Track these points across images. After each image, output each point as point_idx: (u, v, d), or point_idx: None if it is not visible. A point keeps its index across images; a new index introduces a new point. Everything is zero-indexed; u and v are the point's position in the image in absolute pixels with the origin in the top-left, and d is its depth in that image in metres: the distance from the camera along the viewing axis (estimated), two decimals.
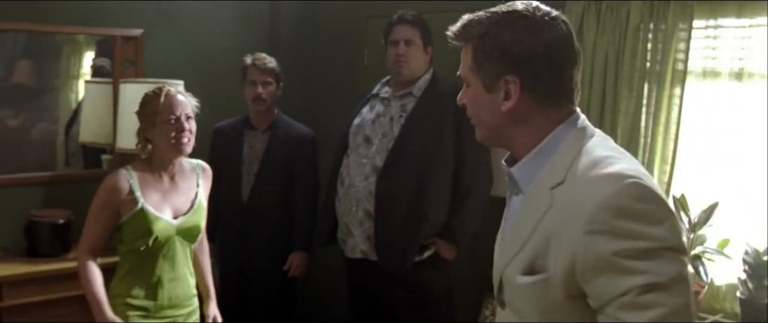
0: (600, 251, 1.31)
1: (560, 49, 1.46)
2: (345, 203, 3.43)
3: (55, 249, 3.65)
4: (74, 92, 4.19)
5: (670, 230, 1.32)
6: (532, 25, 1.45)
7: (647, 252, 1.29)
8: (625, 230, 1.30)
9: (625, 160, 1.43)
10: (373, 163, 3.35)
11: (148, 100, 2.79)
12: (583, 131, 1.49)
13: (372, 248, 3.36)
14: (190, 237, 2.86)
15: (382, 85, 3.53)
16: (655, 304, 1.27)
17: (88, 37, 4.14)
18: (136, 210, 2.70)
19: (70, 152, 4.22)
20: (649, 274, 1.28)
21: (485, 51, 1.49)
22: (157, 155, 2.79)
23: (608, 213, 1.31)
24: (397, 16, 3.44)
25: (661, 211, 1.33)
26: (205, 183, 2.97)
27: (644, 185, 1.34)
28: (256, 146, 3.88)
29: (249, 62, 3.83)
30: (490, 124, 1.55)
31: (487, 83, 1.50)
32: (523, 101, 1.48)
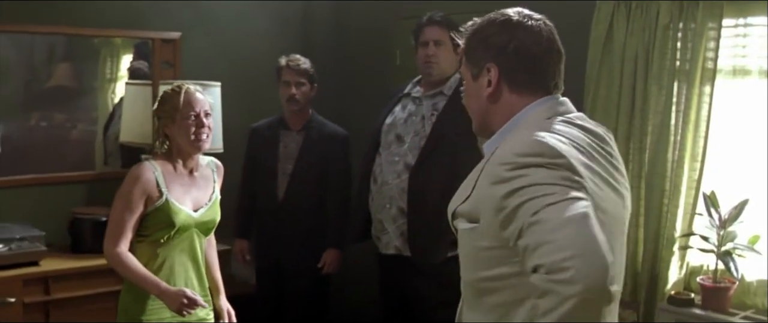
0: (494, 196, 1.49)
1: (534, 44, 1.64)
2: (378, 201, 3.49)
3: (98, 245, 3.66)
4: (111, 94, 4.28)
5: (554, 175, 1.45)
6: (511, 23, 1.66)
7: (533, 186, 1.44)
8: (510, 177, 1.48)
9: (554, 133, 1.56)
10: (406, 161, 3.42)
11: (167, 97, 2.85)
12: (550, 110, 1.65)
13: (405, 244, 3.41)
14: (206, 230, 2.93)
15: (414, 84, 3.59)
16: (544, 220, 1.40)
17: (124, 40, 4.23)
18: (161, 202, 2.76)
19: (108, 152, 4.31)
20: (537, 199, 1.42)
21: (472, 45, 1.71)
22: (175, 150, 2.85)
23: (501, 167, 1.51)
24: (426, 18, 3.49)
25: (548, 164, 1.47)
26: (219, 180, 3.03)
27: (540, 142, 1.50)
28: (291, 145, 3.95)
29: (283, 63, 3.90)
30: (477, 111, 1.74)
31: (473, 73, 1.71)
32: (500, 86, 1.67)
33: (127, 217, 2.74)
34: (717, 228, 3.21)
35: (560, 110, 1.66)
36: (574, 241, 1.35)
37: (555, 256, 1.35)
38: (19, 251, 3.46)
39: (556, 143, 1.51)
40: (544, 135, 1.53)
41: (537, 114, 1.64)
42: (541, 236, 1.39)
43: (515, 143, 1.54)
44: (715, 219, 3.22)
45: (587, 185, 1.48)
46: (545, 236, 1.38)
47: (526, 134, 1.55)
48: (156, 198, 2.76)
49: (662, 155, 3.35)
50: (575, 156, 1.51)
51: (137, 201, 2.74)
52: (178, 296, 2.67)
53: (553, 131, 1.57)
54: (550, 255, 1.36)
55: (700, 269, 3.41)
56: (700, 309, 3.24)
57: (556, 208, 1.40)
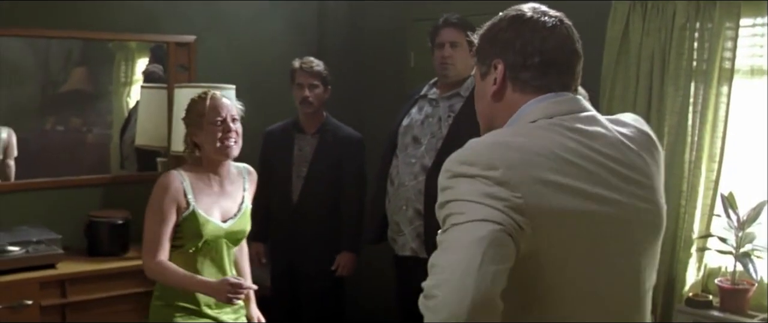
0: (437, 204, 1.44)
1: (542, 41, 1.55)
2: (395, 202, 3.49)
3: (114, 248, 3.76)
4: (127, 98, 4.29)
5: (480, 189, 1.36)
6: (521, 20, 1.58)
7: (454, 201, 1.38)
8: (444, 186, 1.43)
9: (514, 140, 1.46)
10: (422, 162, 3.41)
11: (193, 104, 2.84)
12: (543, 110, 1.54)
13: (422, 245, 3.41)
14: (235, 240, 2.90)
15: (430, 86, 3.59)
16: (442, 241, 1.36)
17: (139, 43, 4.24)
18: (189, 212, 2.75)
19: (124, 156, 4.33)
20: (452, 216, 1.36)
21: (482, 43, 1.64)
22: (205, 158, 2.83)
23: (442, 173, 1.45)
24: (442, 20, 3.49)
25: (479, 175, 1.38)
26: (251, 188, 3.00)
27: (474, 151, 1.43)
28: (306, 148, 3.95)
29: (297, 66, 3.90)
30: (483, 112, 1.67)
31: (482, 71, 1.63)
32: (505, 84, 1.58)
33: (161, 229, 2.73)
34: (735, 229, 3.19)
35: (557, 110, 1.54)
36: (452, 268, 1.29)
37: (431, 280, 1.32)
38: (36, 254, 3.47)
39: (497, 154, 1.41)
40: (488, 142, 1.46)
41: (527, 115, 1.54)
42: (434, 258, 1.36)
43: (464, 147, 1.47)
44: (733, 220, 3.19)
45: (524, 202, 1.36)
46: (436, 258, 1.35)
47: (479, 140, 1.49)
48: (184, 208, 2.75)
49: (679, 156, 3.33)
50: (523, 169, 1.39)
51: (169, 211, 2.72)
52: (222, 286, 2.66)
53: (521, 136, 1.47)
54: (431, 278, 1.33)
55: (718, 270, 3.39)
56: (718, 311, 3.22)
57: (457, 230, 1.34)
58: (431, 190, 3.32)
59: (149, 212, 2.77)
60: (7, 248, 3.44)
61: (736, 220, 3.19)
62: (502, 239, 1.31)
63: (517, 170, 1.39)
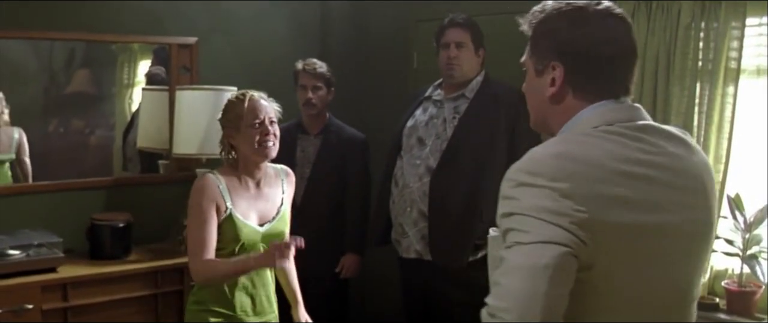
0: (498, 212, 1.44)
1: (606, 43, 1.50)
2: (399, 204, 3.47)
3: (116, 251, 3.73)
4: (130, 100, 4.27)
5: (546, 203, 1.35)
6: (583, 17, 1.51)
7: (518, 215, 1.37)
8: (508, 195, 1.41)
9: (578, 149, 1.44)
10: (427, 164, 3.39)
11: (231, 105, 2.79)
12: (601, 117, 1.50)
13: (426, 247, 3.39)
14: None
15: (435, 87, 3.56)
16: (506, 260, 1.35)
17: (142, 45, 4.22)
18: (225, 216, 2.70)
19: (127, 158, 4.30)
20: (515, 232, 1.36)
21: (538, 37, 1.57)
22: (242, 160, 2.79)
23: (506, 182, 1.43)
24: (448, 20, 3.47)
25: (545, 186, 1.36)
26: (289, 189, 2.96)
27: (540, 162, 1.40)
28: (309, 149, 3.93)
29: (300, 67, 3.89)
30: (537, 109, 1.62)
31: (537, 68, 1.57)
32: (564, 88, 1.53)
33: (205, 230, 2.67)
34: (742, 231, 3.16)
35: (617, 117, 1.49)
36: (517, 294, 1.31)
37: (496, 301, 1.34)
38: (37, 257, 3.44)
39: (563, 165, 1.39)
40: (552, 153, 1.42)
41: (584, 122, 1.50)
42: (498, 276, 1.36)
43: (528, 157, 1.44)
44: (740, 222, 3.17)
45: (589, 217, 1.34)
46: (500, 277, 1.35)
47: (542, 149, 1.45)
48: (222, 212, 2.71)
49: None
50: (588, 182, 1.38)
51: (209, 212, 2.67)
52: (270, 256, 2.63)
53: (584, 147, 1.44)
54: (494, 298, 1.35)
55: (724, 273, 3.36)
56: (725, 313, 3.20)
57: (522, 251, 1.34)
58: (436, 191, 3.32)
59: (191, 217, 2.72)
60: (8, 251, 3.41)
61: (742, 222, 3.16)
62: (567, 262, 1.33)
63: (583, 183, 1.38)
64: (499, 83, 3.44)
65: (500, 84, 3.43)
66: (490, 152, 3.32)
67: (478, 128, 3.34)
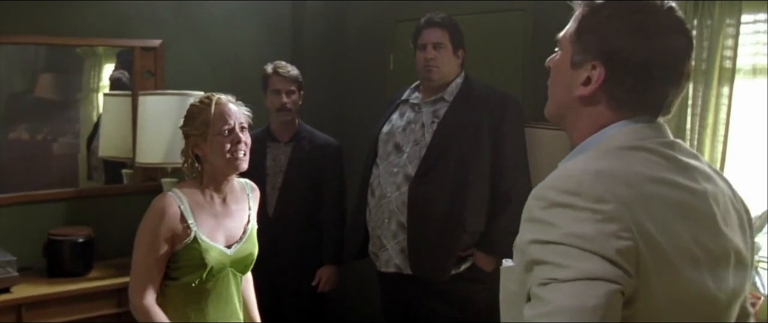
0: (524, 238, 1.25)
1: (662, 61, 1.32)
2: (377, 215, 3.29)
3: (76, 268, 3.55)
4: (95, 106, 4.11)
5: (587, 228, 1.17)
6: (647, 28, 1.32)
7: (554, 244, 1.19)
8: (540, 219, 1.23)
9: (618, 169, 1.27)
10: (405, 172, 3.22)
11: (196, 110, 2.50)
12: (633, 135, 1.33)
13: (406, 261, 3.22)
14: (242, 267, 2.60)
15: (412, 90, 3.40)
16: (545, 300, 1.16)
17: (107, 48, 4.06)
18: (189, 240, 2.41)
19: (93, 167, 4.14)
20: (550, 266, 1.18)
21: (587, 27, 1.37)
22: (208, 173, 2.51)
23: (535, 201, 1.25)
24: (425, 19, 3.31)
25: (586, 208, 1.19)
26: (255, 206, 2.72)
27: (580, 180, 1.22)
28: (280, 158, 3.77)
29: (270, 71, 3.73)
30: (559, 100, 1.43)
31: (575, 59, 1.38)
32: (599, 95, 1.35)
33: (151, 260, 2.40)
34: None
35: (648, 134, 1.33)
36: None
37: None
38: None
39: (605, 185, 1.22)
40: (590, 170, 1.25)
41: (615, 137, 1.33)
42: (536, 317, 1.17)
43: (561, 174, 1.27)
44: None
45: (634, 245, 1.18)
46: (539, 319, 1.17)
47: (577, 165, 1.28)
48: (184, 236, 2.41)
49: None
50: (632, 206, 1.21)
51: (162, 240, 2.39)
52: None
53: (623, 166, 1.27)
54: None
55: None
56: None
57: (563, 289, 1.15)
58: (415, 201, 3.16)
59: (139, 240, 2.43)
60: None
61: None
62: (616, 301, 1.15)
63: (627, 206, 1.20)
64: (481, 84, 3.30)
65: (482, 86, 3.28)
66: (472, 158, 3.16)
67: (459, 132, 3.17)
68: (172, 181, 3.63)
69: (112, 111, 4.05)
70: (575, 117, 1.39)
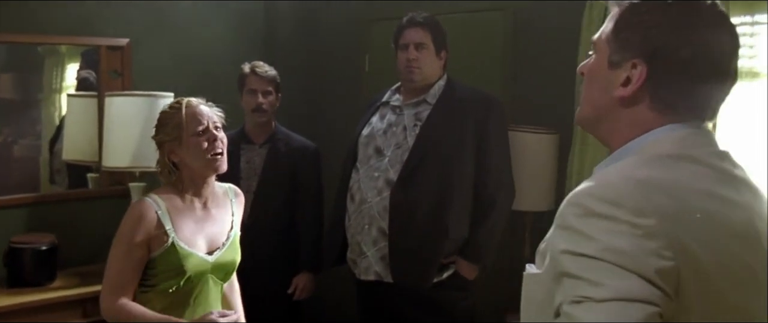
0: (555, 246, 1.17)
1: (707, 58, 1.23)
2: (356, 221, 3.18)
3: (38, 277, 3.41)
4: (58, 106, 3.98)
5: (626, 244, 1.09)
6: (693, 21, 1.23)
7: (589, 258, 1.11)
8: (575, 228, 1.15)
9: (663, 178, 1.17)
10: (387, 176, 3.11)
11: (167, 116, 2.45)
12: (679, 142, 1.24)
13: (387, 269, 3.11)
14: (223, 275, 2.52)
15: (393, 92, 3.30)
16: (578, 321, 1.09)
17: (71, 47, 3.93)
18: (167, 246, 2.35)
19: (55, 170, 4.00)
20: (584, 282, 1.10)
21: (626, 25, 1.27)
22: (186, 178, 2.45)
23: (571, 208, 1.17)
24: (406, 19, 3.21)
25: (626, 222, 1.10)
26: (239, 211, 2.64)
27: (620, 190, 1.14)
28: (255, 160, 3.66)
29: (247, 70, 3.62)
30: (594, 105, 1.34)
31: (613, 59, 1.29)
32: (640, 93, 1.26)
33: (126, 265, 2.34)
34: None
35: (696, 142, 1.25)
36: None
37: None
38: None
39: (647, 196, 1.13)
40: (631, 177, 1.16)
41: (658, 143, 1.24)
42: None
43: (600, 180, 1.18)
44: None
45: (675, 265, 1.09)
46: None
47: (618, 171, 1.20)
48: (161, 241, 2.35)
49: None
50: (677, 221, 1.12)
51: (139, 246, 2.33)
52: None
53: (668, 176, 1.18)
54: None
55: None
56: None
57: (597, 310, 1.06)
58: (397, 206, 3.06)
59: (115, 244, 2.38)
60: None
61: None
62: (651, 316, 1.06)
63: (670, 221, 1.11)
64: (464, 86, 3.21)
65: (465, 88, 3.19)
66: (455, 162, 3.06)
67: (442, 136, 3.07)
68: (140, 186, 3.51)
69: (77, 112, 3.92)
70: (614, 120, 1.30)
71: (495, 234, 3.14)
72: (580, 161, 3.29)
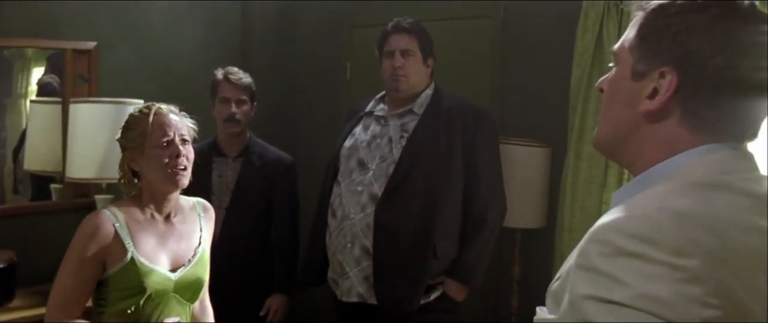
0: (576, 290, 1.01)
1: (746, 66, 1.06)
2: (338, 239, 3.00)
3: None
4: (23, 113, 3.78)
5: (664, 289, 0.92)
6: (726, 21, 1.06)
7: (619, 306, 0.95)
8: (601, 269, 0.98)
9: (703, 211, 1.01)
10: (371, 191, 2.94)
11: (134, 121, 2.31)
12: (717, 166, 1.07)
13: (371, 290, 2.94)
14: (190, 295, 2.34)
15: (377, 102, 3.14)
16: None
17: (38, 51, 3.72)
18: (126, 261, 2.18)
19: (19, 179, 3.79)
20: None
21: (654, 27, 1.11)
22: (147, 191, 2.30)
23: (595, 245, 1.01)
24: (392, 25, 3.06)
25: (664, 263, 0.94)
26: (208, 227, 2.48)
27: (654, 223, 0.97)
28: (227, 174, 3.47)
29: (220, 77, 3.44)
30: (618, 121, 1.17)
31: (637, 68, 1.13)
32: (669, 109, 1.10)
33: (74, 281, 2.16)
34: None
35: (735, 167, 1.08)
36: None
37: None
38: None
39: (688, 232, 0.97)
40: (668, 209, 1.00)
41: (693, 170, 1.08)
42: None
43: (629, 212, 1.01)
44: None
45: (723, 314, 0.94)
46: None
47: (650, 203, 1.03)
48: (119, 257, 2.17)
49: None
50: (722, 262, 0.96)
51: (91, 262, 2.16)
52: None
53: (710, 205, 1.02)
54: None
55: None
56: None
57: None
58: (381, 223, 2.91)
59: (65, 259, 2.21)
60: None
61: None
62: None
63: (714, 261, 0.94)
64: (452, 96, 3.06)
65: (453, 97, 3.04)
66: (444, 177, 2.90)
67: (430, 148, 2.91)
68: (106, 198, 3.32)
69: (40, 119, 3.73)
70: (640, 139, 1.13)
71: (485, 254, 2.97)
72: (574, 176, 3.13)
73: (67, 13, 3.69)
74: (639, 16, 1.15)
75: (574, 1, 3.15)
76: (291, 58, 4.58)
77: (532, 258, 3.42)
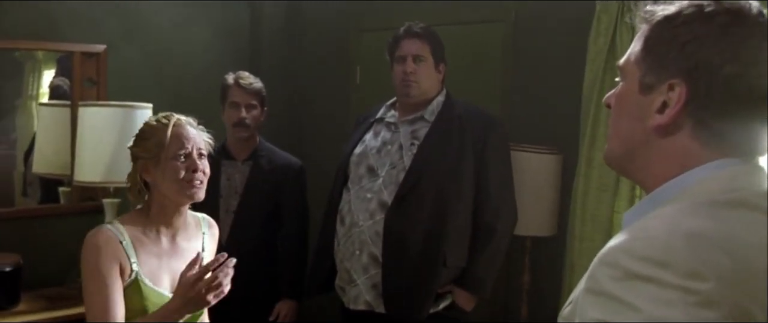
0: (586, 315, 0.99)
1: (758, 77, 1.03)
2: (346, 246, 2.98)
3: (1, 301, 3.16)
4: (33, 115, 3.79)
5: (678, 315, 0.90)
6: (735, 30, 1.03)
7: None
8: (611, 294, 0.95)
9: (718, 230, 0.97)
10: (380, 198, 2.91)
11: (150, 130, 2.23)
12: (731, 181, 1.04)
13: (379, 298, 2.91)
14: (190, 316, 2.25)
15: (388, 108, 3.11)
16: None
17: (48, 54, 3.72)
18: (130, 281, 2.13)
19: (28, 182, 3.80)
20: None
21: (661, 38, 1.08)
22: (158, 203, 2.23)
23: (605, 268, 0.98)
24: (403, 29, 3.03)
25: (677, 287, 0.91)
26: (212, 245, 2.41)
27: (666, 245, 0.94)
28: (236, 178, 3.46)
29: (231, 82, 3.42)
30: (627, 136, 1.14)
31: (645, 82, 1.10)
32: (679, 122, 1.07)
33: (107, 294, 2.07)
34: None
35: (748, 183, 1.05)
36: None
37: None
38: None
39: (702, 254, 0.94)
40: (679, 231, 0.97)
41: (705, 186, 1.05)
42: None
43: (639, 233, 0.99)
44: None
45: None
46: None
47: (661, 224, 0.99)
48: (126, 274, 2.11)
49: None
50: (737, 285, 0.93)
51: (111, 271, 2.08)
52: (196, 295, 2.08)
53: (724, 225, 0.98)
54: None
55: None
56: None
57: None
58: (391, 231, 2.88)
59: (87, 280, 2.11)
60: None
61: None
62: None
63: (731, 285, 0.91)
64: (464, 103, 3.03)
65: (465, 105, 3.02)
66: (455, 185, 2.87)
67: (441, 156, 2.88)
68: (114, 202, 3.30)
69: (49, 123, 3.73)
70: (649, 155, 1.10)
71: (496, 263, 2.94)
72: (585, 184, 3.09)
73: (76, 16, 3.70)
74: (644, 29, 1.12)
75: (587, 4, 3.10)
76: (300, 61, 4.56)
77: (542, 267, 3.38)
